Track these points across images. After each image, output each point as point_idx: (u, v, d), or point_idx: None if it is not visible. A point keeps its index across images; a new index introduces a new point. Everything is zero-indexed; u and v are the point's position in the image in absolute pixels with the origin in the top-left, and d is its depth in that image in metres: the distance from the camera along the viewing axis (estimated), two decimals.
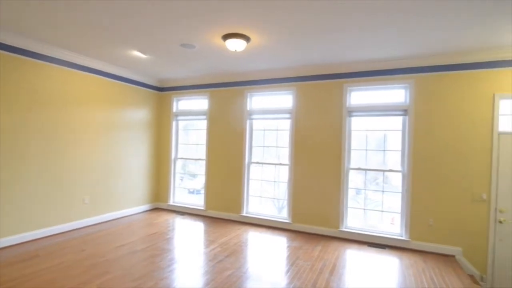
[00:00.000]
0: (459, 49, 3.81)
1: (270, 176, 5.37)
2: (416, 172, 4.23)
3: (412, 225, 4.21)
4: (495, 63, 3.84)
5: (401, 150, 4.41)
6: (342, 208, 4.63)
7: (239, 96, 5.53)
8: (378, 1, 2.69)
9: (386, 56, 4.17)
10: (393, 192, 4.47)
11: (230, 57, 4.48)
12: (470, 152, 3.96)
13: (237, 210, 5.46)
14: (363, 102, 4.66)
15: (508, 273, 3.73)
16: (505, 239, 3.75)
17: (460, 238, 3.97)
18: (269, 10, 2.92)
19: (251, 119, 5.48)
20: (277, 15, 3.02)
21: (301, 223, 4.90)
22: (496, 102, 3.85)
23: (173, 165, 6.28)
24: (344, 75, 4.68)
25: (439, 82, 4.14)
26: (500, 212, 3.78)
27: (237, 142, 5.50)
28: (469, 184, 3.95)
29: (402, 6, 2.77)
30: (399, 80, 4.36)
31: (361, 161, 4.68)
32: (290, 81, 5.08)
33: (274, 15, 3.02)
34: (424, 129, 4.20)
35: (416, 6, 2.76)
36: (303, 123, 4.96)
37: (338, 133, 4.70)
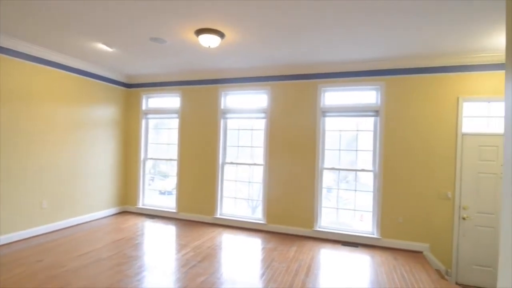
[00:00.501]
0: (427, 54, 3.96)
1: (244, 176, 5.27)
2: (386, 171, 4.34)
3: (383, 223, 4.32)
4: (460, 67, 4.03)
5: (372, 150, 4.51)
6: (316, 208, 4.65)
7: (213, 94, 5.36)
8: (353, 1, 2.69)
9: (359, 58, 4.24)
10: (365, 191, 4.56)
11: (204, 54, 4.31)
12: (436, 152, 4.13)
13: (210, 212, 5.30)
14: (336, 102, 4.71)
15: (470, 267, 3.94)
16: (468, 235, 3.96)
17: (427, 234, 4.13)
18: (244, 6, 2.81)
19: (225, 118, 5.34)
20: (252, 12, 2.92)
21: (276, 224, 4.86)
22: (460, 105, 4.05)
23: (142, 166, 5.97)
24: (318, 76, 4.70)
25: (408, 85, 4.28)
26: (463, 209, 3.98)
27: (211, 141, 5.34)
28: (435, 183, 4.12)
29: (376, 7, 2.79)
30: (371, 81, 4.45)
31: (334, 161, 4.73)
32: (265, 80, 5.01)
33: (249, 12, 2.92)
34: (394, 130, 4.32)
35: (389, 10, 2.79)
36: (278, 123, 4.92)
37: (313, 133, 4.71)
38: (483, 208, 3.92)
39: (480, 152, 3.96)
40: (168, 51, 4.21)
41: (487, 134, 3.95)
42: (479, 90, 3.99)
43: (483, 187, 3.92)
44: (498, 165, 3.88)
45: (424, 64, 4.17)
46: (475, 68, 3.98)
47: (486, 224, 3.90)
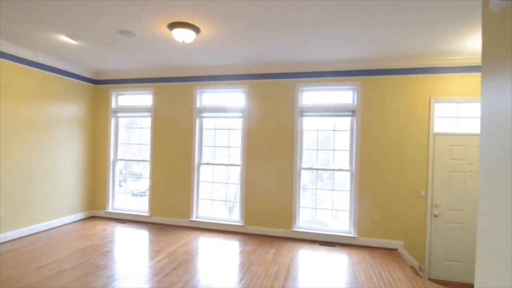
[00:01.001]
0: (401, 55, 4.03)
1: (221, 177, 5.12)
2: (362, 170, 4.38)
3: (360, 222, 4.36)
4: (432, 69, 4.15)
5: (349, 150, 4.54)
6: (294, 208, 4.61)
7: (188, 92, 5.15)
8: (328, 1, 2.64)
9: (336, 58, 4.23)
10: (342, 191, 4.58)
11: (178, 49, 4.10)
12: (410, 151, 4.22)
13: (186, 215, 5.09)
14: (314, 102, 4.69)
15: (442, 262, 4.07)
16: (440, 231, 4.09)
17: (401, 232, 4.22)
18: (219, 0, 2.67)
19: (201, 117, 5.15)
20: (228, 7, 2.78)
21: (254, 225, 4.76)
22: (432, 105, 4.17)
23: (112, 167, 5.62)
24: (296, 75, 4.65)
25: (383, 85, 4.34)
26: (435, 207, 4.11)
27: (186, 141, 5.12)
28: (409, 182, 4.22)
29: (352, 8, 2.76)
30: (347, 81, 4.47)
31: (312, 161, 4.71)
32: (242, 79, 4.88)
33: (225, 6, 2.78)
34: (370, 130, 4.37)
35: (364, 11, 2.77)
36: (255, 122, 4.82)
37: (291, 133, 4.65)
38: (453, 205, 4.06)
39: (451, 151, 4.10)
40: (139, 45, 3.96)
41: (457, 134, 4.10)
42: (450, 92, 4.13)
43: (453, 185, 4.07)
44: (467, 163, 4.04)
45: (399, 65, 4.25)
46: (446, 70, 4.11)
47: (456, 221, 4.05)
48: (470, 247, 3.99)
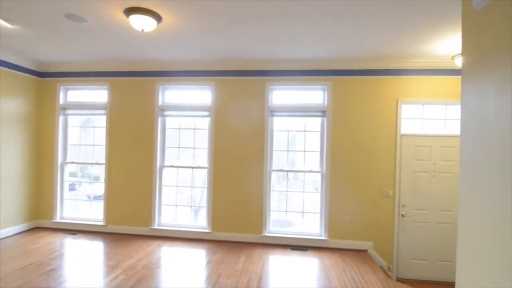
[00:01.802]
0: (371, 56, 4.02)
1: (186, 180, 4.76)
2: (333, 172, 4.32)
3: (331, 224, 4.29)
4: (400, 71, 4.20)
5: (319, 151, 4.46)
6: (265, 212, 4.41)
7: (149, 88, 4.71)
8: None
9: (307, 57, 4.12)
10: (313, 192, 4.48)
11: (138, 40, 3.69)
12: (378, 152, 4.24)
13: (147, 222, 4.66)
14: (285, 102, 4.53)
15: (408, 261, 4.14)
16: (407, 231, 4.15)
17: (371, 232, 4.22)
18: None
19: (163, 116, 4.74)
20: None
21: (222, 231, 4.48)
22: (399, 107, 4.22)
23: (60, 171, 4.98)
24: (266, 73, 4.45)
25: (353, 86, 4.31)
26: (402, 207, 4.17)
27: (147, 142, 4.69)
28: (378, 182, 4.23)
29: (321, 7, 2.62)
30: (318, 81, 4.38)
31: (282, 162, 4.55)
32: (209, 75, 4.57)
33: None
34: (340, 131, 4.32)
35: (334, 12, 2.65)
36: (223, 121, 4.54)
37: (261, 133, 4.45)
38: (419, 205, 4.15)
39: (416, 152, 4.18)
40: (90, 33, 3.48)
41: (422, 135, 4.19)
42: (416, 94, 4.21)
43: (419, 185, 4.15)
44: (431, 164, 4.15)
45: (368, 66, 4.25)
46: (412, 73, 4.19)
47: (422, 220, 4.14)
48: (434, 245, 4.09)
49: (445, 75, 4.12)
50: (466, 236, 1.90)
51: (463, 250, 1.90)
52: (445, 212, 4.10)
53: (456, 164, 4.09)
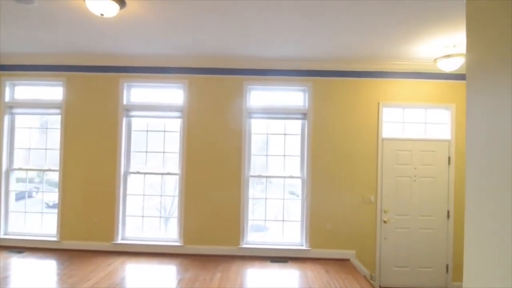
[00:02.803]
0: (353, 57, 3.88)
1: (155, 189, 4.30)
2: (314, 177, 4.10)
3: (312, 233, 4.06)
4: (381, 73, 4.09)
5: (300, 155, 4.22)
6: (242, 222, 4.08)
7: (112, 85, 4.20)
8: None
9: (287, 56, 3.88)
10: (293, 199, 4.24)
11: (98, 29, 3.22)
12: (360, 156, 4.09)
13: (108, 236, 4.13)
14: (264, 103, 4.25)
15: (391, 269, 4.02)
16: (389, 238, 4.03)
17: (353, 240, 4.05)
18: None
19: (129, 117, 4.26)
20: None
21: (196, 244, 4.08)
22: (381, 110, 4.11)
23: (4, 179, 4.29)
24: (244, 72, 4.14)
25: (334, 87, 4.14)
26: (384, 213, 4.05)
27: (109, 146, 4.17)
28: (360, 188, 4.08)
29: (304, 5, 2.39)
30: (299, 82, 4.16)
31: (261, 168, 4.26)
32: (181, 72, 4.17)
33: None
34: (321, 134, 4.12)
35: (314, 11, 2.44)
36: (197, 123, 4.15)
37: (238, 136, 4.12)
38: (400, 211, 4.05)
39: (397, 156, 4.09)
40: (39, 17, 2.96)
41: (403, 139, 4.11)
42: (396, 97, 4.12)
43: (400, 190, 4.06)
44: (412, 168, 4.07)
45: (350, 67, 4.09)
46: (393, 75, 4.10)
47: (403, 226, 4.04)
48: (415, 252, 4.02)
49: (426, 78, 4.07)
50: (473, 242, 1.73)
51: (470, 253, 1.74)
52: (426, 217, 4.04)
53: (436, 168, 4.06)
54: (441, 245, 4.01)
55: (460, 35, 3.11)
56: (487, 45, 1.63)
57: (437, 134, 4.14)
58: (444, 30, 3.04)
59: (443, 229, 4.02)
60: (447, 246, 4.01)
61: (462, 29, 3.00)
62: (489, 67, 1.58)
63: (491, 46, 1.58)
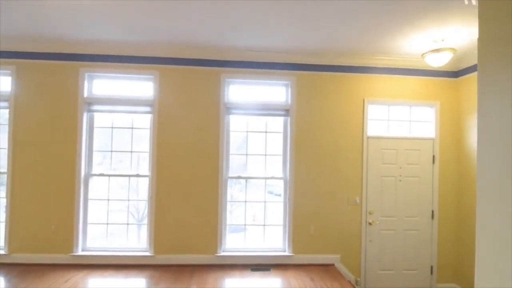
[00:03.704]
0: (338, 51, 3.67)
1: (122, 193, 3.85)
2: (297, 178, 3.84)
3: (295, 237, 3.80)
4: (367, 68, 3.91)
5: (282, 155, 3.95)
6: (220, 227, 3.74)
7: (70, 75, 3.69)
8: None
9: (269, 47, 3.59)
10: (275, 202, 3.96)
11: (53, 11, 2.73)
12: (345, 155, 3.89)
13: (67, 247, 3.63)
14: (243, 98, 3.93)
15: (376, 272, 3.86)
16: (374, 240, 3.87)
17: (338, 244, 3.85)
18: None
19: (91, 112, 3.77)
20: None
21: (168, 254, 3.68)
22: (366, 107, 3.92)
23: None
24: (222, 63, 3.79)
25: (319, 82, 3.90)
26: (370, 214, 3.87)
27: (67, 144, 3.66)
28: (345, 188, 3.88)
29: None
30: (281, 76, 3.87)
31: (240, 168, 3.94)
32: (151, 62, 3.74)
33: None
34: (305, 132, 3.87)
35: None
36: (169, 119, 3.75)
37: (215, 134, 3.77)
38: (386, 212, 3.90)
39: (383, 155, 3.93)
40: None
41: (388, 138, 3.96)
42: (382, 94, 3.95)
43: (386, 191, 3.91)
44: (397, 168, 3.93)
45: (334, 61, 3.87)
46: (379, 71, 3.93)
47: (389, 228, 3.90)
48: (401, 254, 3.89)
49: (411, 75, 3.94)
50: (485, 243, 1.60)
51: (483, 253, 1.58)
52: (411, 218, 3.92)
53: (421, 167, 3.94)
54: (426, 246, 3.91)
55: (449, 28, 2.96)
56: (500, 42, 1.44)
57: (422, 132, 4.03)
58: (433, 23, 2.88)
59: (428, 229, 3.92)
60: (432, 247, 3.91)
61: (451, 22, 2.86)
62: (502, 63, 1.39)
63: (504, 42, 1.39)
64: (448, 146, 3.97)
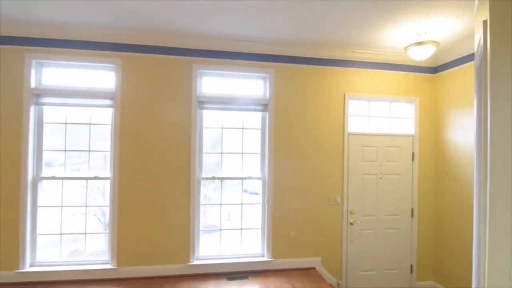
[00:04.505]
0: (319, 42, 3.46)
1: (78, 198, 3.37)
2: (276, 178, 3.59)
3: (274, 240, 3.56)
4: (349, 62, 3.74)
5: (260, 153, 3.68)
6: (193, 234, 3.40)
7: (13, 62, 3.14)
8: None
9: (246, 35, 3.29)
10: (253, 204, 3.69)
11: None
12: (327, 153, 3.71)
13: (11, 263, 3.10)
14: (218, 91, 3.60)
15: (357, 273, 3.73)
16: (355, 241, 3.74)
17: (319, 246, 3.66)
18: None
19: (40, 105, 3.25)
20: None
21: (133, 265, 3.27)
22: (346, 102, 3.76)
23: None
24: (193, 52, 3.43)
25: (299, 76, 3.67)
26: (351, 214, 3.73)
27: (10, 143, 3.12)
28: (326, 188, 3.70)
29: None
30: (258, 67, 3.59)
31: (215, 168, 3.62)
32: (113, 49, 3.29)
33: None
34: (284, 128, 3.63)
35: None
36: (133, 114, 3.33)
37: (186, 131, 3.41)
38: (367, 211, 3.78)
39: (364, 152, 3.80)
40: None
41: (369, 134, 3.83)
42: (362, 88, 3.81)
43: (366, 189, 3.79)
44: (378, 165, 3.82)
45: (315, 54, 3.66)
46: (360, 65, 3.78)
47: (369, 227, 3.78)
48: (382, 254, 3.79)
49: (392, 69, 3.83)
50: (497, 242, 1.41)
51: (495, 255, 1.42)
52: (391, 216, 3.83)
53: (401, 165, 3.86)
54: (406, 245, 3.85)
55: (432, 20, 2.85)
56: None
57: (402, 128, 3.95)
58: (416, 15, 2.75)
59: (408, 228, 3.86)
60: (411, 246, 3.86)
61: (434, 15, 2.75)
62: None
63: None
64: (427, 143, 3.92)
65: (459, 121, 3.55)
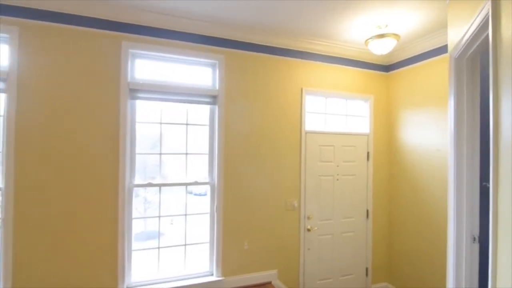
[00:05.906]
0: (276, 28, 3.07)
1: None
2: (227, 182, 3.10)
3: (225, 256, 3.06)
4: (306, 54, 3.43)
5: (208, 153, 3.14)
6: (122, 254, 2.70)
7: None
8: None
9: (190, 10, 2.71)
10: (199, 214, 3.13)
11: None
12: (282, 153, 3.34)
13: None
14: (155, 77, 2.95)
15: (315, 283, 3.45)
16: (312, 248, 3.45)
17: (275, 257, 3.28)
18: None
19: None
20: None
21: None
22: (304, 98, 3.45)
23: None
24: (123, 27, 2.72)
25: (253, 64, 3.23)
26: (308, 219, 3.43)
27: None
28: (283, 192, 3.33)
29: None
30: (206, 52, 3.04)
31: (152, 172, 2.96)
32: (6, 14, 2.41)
33: None
34: (236, 124, 3.15)
35: None
36: (38, 103, 2.49)
37: (113, 125, 2.69)
38: (324, 215, 3.53)
39: (321, 152, 3.53)
40: None
41: (326, 133, 3.58)
42: (320, 83, 3.54)
43: (323, 191, 3.53)
44: (335, 166, 3.59)
45: (271, 42, 3.26)
46: (318, 58, 3.50)
47: (327, 232, 3.54)
48: (338, 259, 3.58)
49: (349, 65, 3.65)
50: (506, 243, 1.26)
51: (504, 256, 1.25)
52: (347, 219, 3.64)
53: (357, 165, 3.70)
54: (362, 248, 3.71)
55: (394, 13, 2.68)
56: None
57: (358, 127, 3.80)
58: (378, 3, 2.53)
59: (363, 230, 3.72)
60: (367, 248, 3.73)
61: (397, 7, 2.57)
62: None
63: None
64: (380, 142, 3.84)
65: (413, 119, 3.50)
